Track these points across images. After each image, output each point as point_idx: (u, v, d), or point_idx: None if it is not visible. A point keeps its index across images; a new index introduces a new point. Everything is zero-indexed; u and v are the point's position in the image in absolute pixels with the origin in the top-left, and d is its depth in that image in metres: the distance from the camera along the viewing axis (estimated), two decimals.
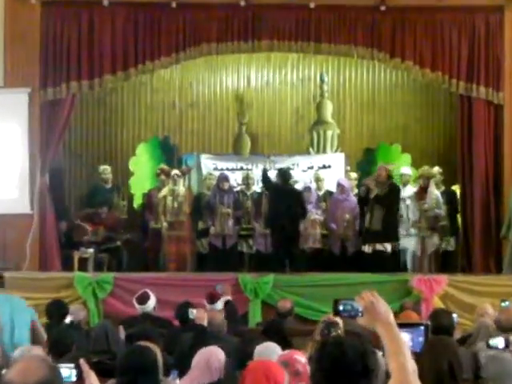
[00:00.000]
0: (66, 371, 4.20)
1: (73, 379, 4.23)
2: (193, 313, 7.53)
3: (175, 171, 12.14)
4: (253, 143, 14.65)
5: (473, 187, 11.94)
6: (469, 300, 10.12)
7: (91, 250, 11.77)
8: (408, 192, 12.07)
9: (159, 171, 12.67)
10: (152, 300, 8.13)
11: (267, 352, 4.85)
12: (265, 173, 11.69)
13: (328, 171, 13.22)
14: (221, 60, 14.60)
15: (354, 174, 13.16)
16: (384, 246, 11.15)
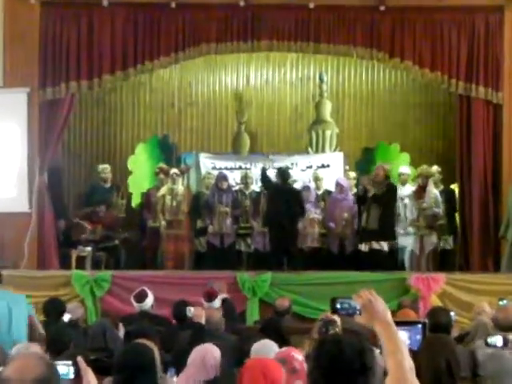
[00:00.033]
0: (64, 368, 4.18)
1: (70, 377, 4.21)
2: (191, 311, 7.53)
3: (174, 170, 12.15)
4: (252, 142, 14.66)
5: (471, 186, 11.94)
6: (466, 298, 10.12)
7: (89, 249, 11.77)
8: (407, 191, 12.09)
9: (158, 170, 12.69)
10: (150, 298, 8.14)
11: (264, 350, 4.86)
12: (264, 172, 11.70)
13: (327, 170, 13.21)
14: (220, 59, 14.58)
15: (353, 174, 13.17)
16: (380, 245, 11.16)
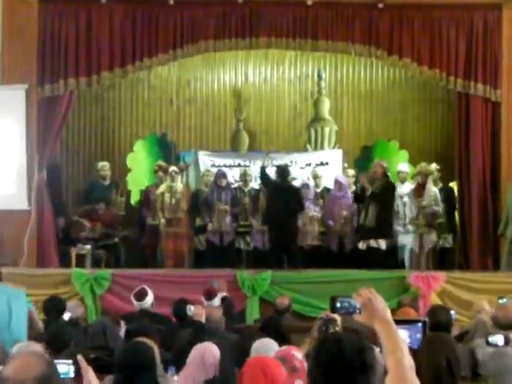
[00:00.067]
0: (64, 367, 4.20)
1: (71, 375, 4.22)
2: (191, 309, 7.53)
3: (173, 168, 12.13)
4: (250, 140, 14.64)
5: (470, 184, 11.94)
6: (466, 297, 10.11)
7: (89, 247, 11.75)
8: (406, 189, 12.09)
9: (157, 168, 12.68)
10: (150, 296, 8.14)
11: (264, 348, 4.85)
12: (263, 170, 11.69)
13: (325, 168, 13.18)
14: (218, 57, 14.55)
15: (352, 171, 13.15)
16: (378, 243, 11.15)
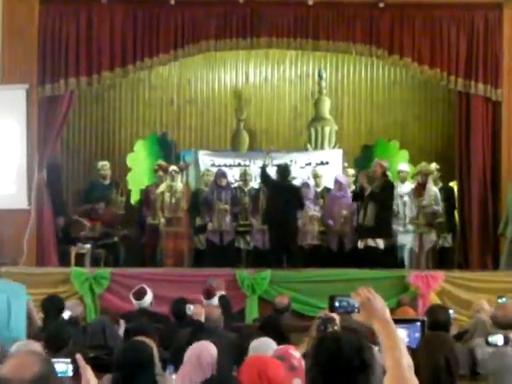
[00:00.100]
0: (63, 366, 4.20)
1: (69, 374, 4.22)
2: (190, 308, 7.53)
3: (173, 167, 12.13)
4: (251, 139, 14.64)
5: (470, 184, 11.94)
6: (465, 296, 10.11)
7: (88, 246, 11.76)
8: (406, 188, 12.08)
9: (157, 167, 12.68)
10: (149, 295, 8.14)
11: (263, 347, 4.84)
12: (263, 169, 11.68)
13: (326, 168, 13.18)
14: (219, 56, 14.54)
15: (352, 171, 13.14)
16: (376, 242, 11.13)
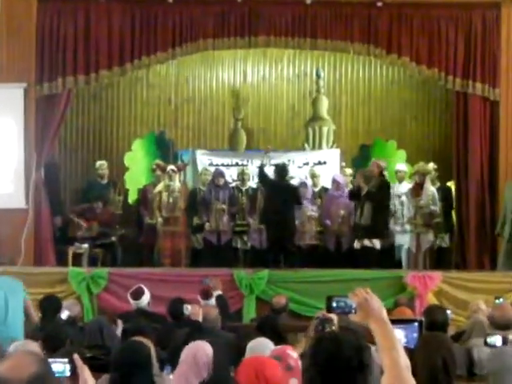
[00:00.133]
0: (60, 366, 4.18)
1: (66, 374, 4.20)
2: (188, 308, 7.52)
3: (171, 167, 12.12)
4: (248, 139, 14.63)
5: (468, 184, 11.94)
6: (463, 296, 10.10)
7: (86, 246, 11.75)
8: (403, 188, 12.07)
9: (155, 167, 12.66)
10: (146, 295, 8.13)
11: (260, 348, 4.84)
12: (261, 169, 11.67)
13: (323, 167, 13.18)
14: (217, 55, 14.52)
15: (350, 170, 13.14)
16: (372, 242, 11.12)
